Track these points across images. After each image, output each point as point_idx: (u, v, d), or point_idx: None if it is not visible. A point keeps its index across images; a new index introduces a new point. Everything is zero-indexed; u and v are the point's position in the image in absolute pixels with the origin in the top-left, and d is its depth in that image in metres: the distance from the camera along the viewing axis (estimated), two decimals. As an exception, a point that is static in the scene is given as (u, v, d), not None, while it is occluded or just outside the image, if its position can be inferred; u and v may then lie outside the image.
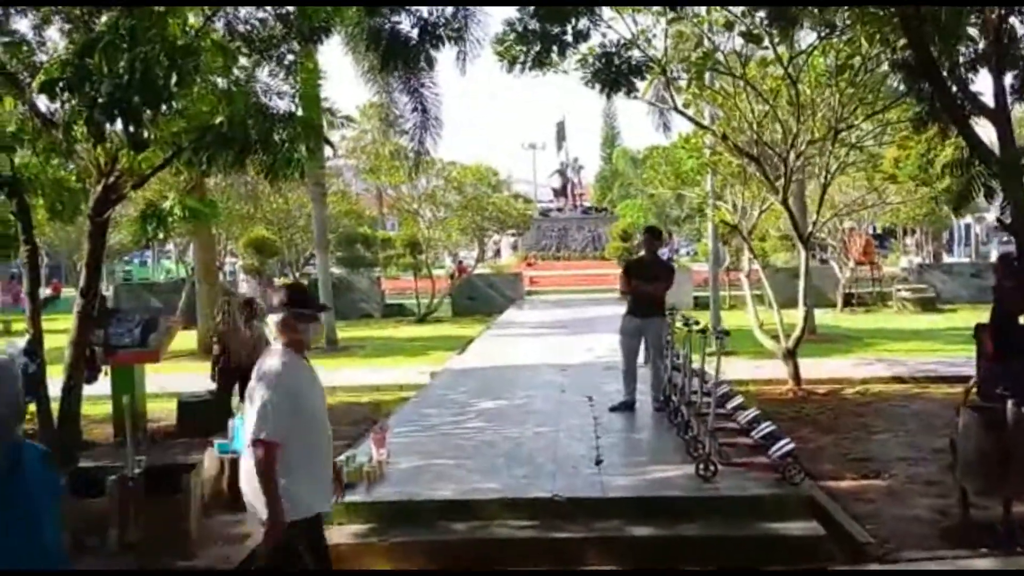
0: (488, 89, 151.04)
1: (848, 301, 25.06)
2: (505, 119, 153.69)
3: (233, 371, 10.18)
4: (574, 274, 37.86)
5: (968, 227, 51.67)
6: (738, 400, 8.20)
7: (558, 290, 33.89)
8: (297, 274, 29.06)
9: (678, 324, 9.35)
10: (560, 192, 52.43)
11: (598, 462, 7.34)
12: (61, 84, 6.82)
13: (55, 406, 8.11)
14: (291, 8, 10.50)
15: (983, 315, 8.08)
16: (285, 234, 28.02)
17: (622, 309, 10.11)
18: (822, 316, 19.79)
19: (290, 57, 10.16)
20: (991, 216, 60.07)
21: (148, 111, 7.57)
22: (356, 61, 17.30)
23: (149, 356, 10.45)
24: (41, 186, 9.22)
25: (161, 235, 8.21)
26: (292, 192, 26.52)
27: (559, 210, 49.64)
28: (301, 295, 4.56)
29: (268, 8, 10.51)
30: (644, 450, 8.08)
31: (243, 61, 9.25)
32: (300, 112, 9.09)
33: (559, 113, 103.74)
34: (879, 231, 38.58)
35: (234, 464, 7.44)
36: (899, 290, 25.21)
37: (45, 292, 43.13)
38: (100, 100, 6.86)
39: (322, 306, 5.08)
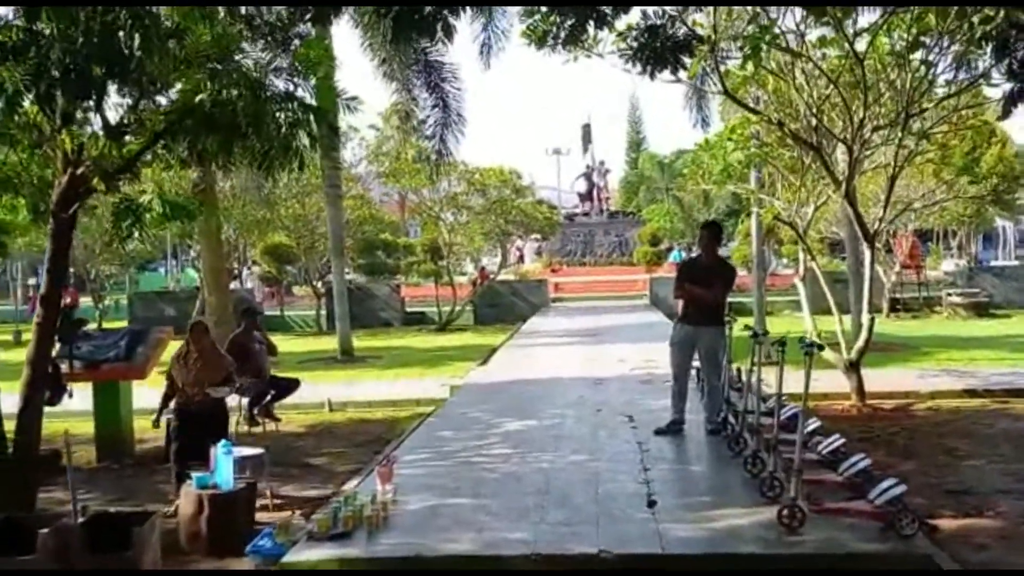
0: (511, 94, 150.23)
1: (894, 306, 23.70)
2: (528, 125, 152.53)
3: (183, 409, 7.92)
4: (601, 280, 36.62)
5: (1004, 229, 50.02)
6: (814, 424, 6.90)
7: (584, 297, 32.71)
8: (318, 283, 28.06)
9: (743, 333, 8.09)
10: (586, 196, 51.06)
11: (651, 504, 6.07)
12: (3, 49, 5.70)
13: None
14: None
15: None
16: (304, 241, 27.12)
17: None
18: (870, 323, 18.57)
19: (297, 42, 9.11)
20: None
21: (112, 84, 6.53)
22: (372, 50, 16.20)
23: (134, 372, 9.36)
24: (22, 185, 8.26)
25: (137, 234, 7.01)
26: (310, 197, 25.72)
27: (585, 214, 48.34)
28: None
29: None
30: (705, 487, 6.77)
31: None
32: (307, 96, 7.86)
33: (584, 116, 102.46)
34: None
35: (214, 500, 6.31)
36: (949, 294, 23.78)
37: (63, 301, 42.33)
38: (51, 68, 5.76)
39: None
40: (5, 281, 36.37)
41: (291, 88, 7.80)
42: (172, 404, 8.03)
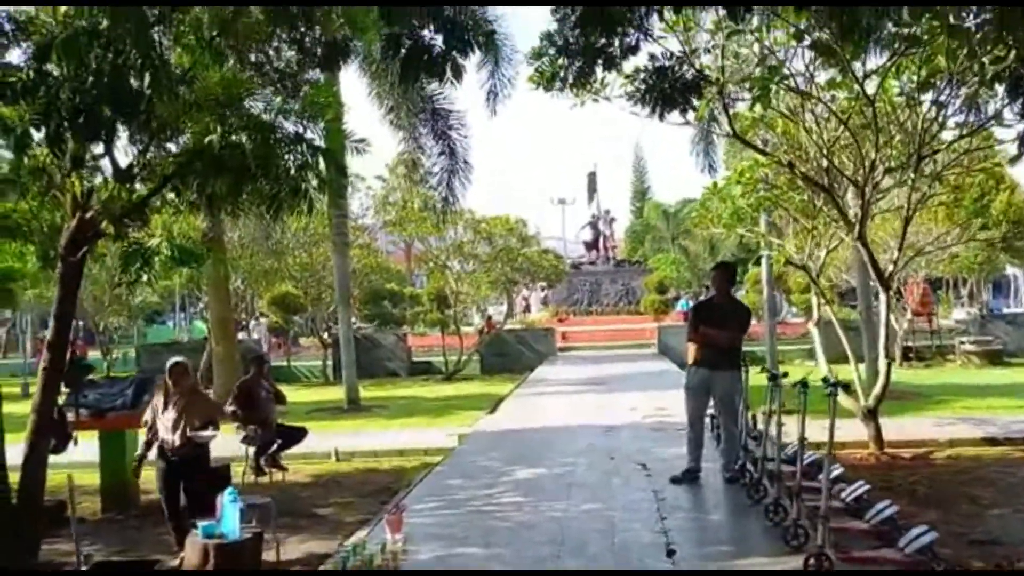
0: (515, 145, 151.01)
1: (907, 355, 23.43)
2: (532, 171, 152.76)
3: (163, 458, 7.41)
4: (608, 329, 36.38)
5: (1015, 277, 49.82)
6: (837, 470, 6.70)
7: (592, 345, 32.49)
8: (325, 334, 27.91)
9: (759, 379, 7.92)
10: (592, 245, 51.01)
11: (670, 553, 5.88)
12: (13, 89, 5.64)
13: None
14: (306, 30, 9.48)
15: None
16: (311, 291, 27.05)
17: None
18: (883, 371, 18.29)
19: (307, 88, 9.09)
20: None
21: (122, 126, 6.48)
22: (379, 98, 16.27)
23: (139, 420, 9.15)
24: (31, 233, 8.23)
25: (145, 277, 6.90)
26: (317, 246, 25.75)
27: (591, 263, 48.22)
28: None
29: (281, 33, 9.47)
30: (725, 536, 6.57)
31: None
32: (316, 139, 7.82)
33: (589, 166, 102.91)
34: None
35: (220, 550, 6.11)
36: (963, 343, 23.52)
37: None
38: (60, 108, 5.70)
39: None
40: (15, 335, 36.19)
41: (300, 130, 7.77)
42: (152, 454, 7.55)
